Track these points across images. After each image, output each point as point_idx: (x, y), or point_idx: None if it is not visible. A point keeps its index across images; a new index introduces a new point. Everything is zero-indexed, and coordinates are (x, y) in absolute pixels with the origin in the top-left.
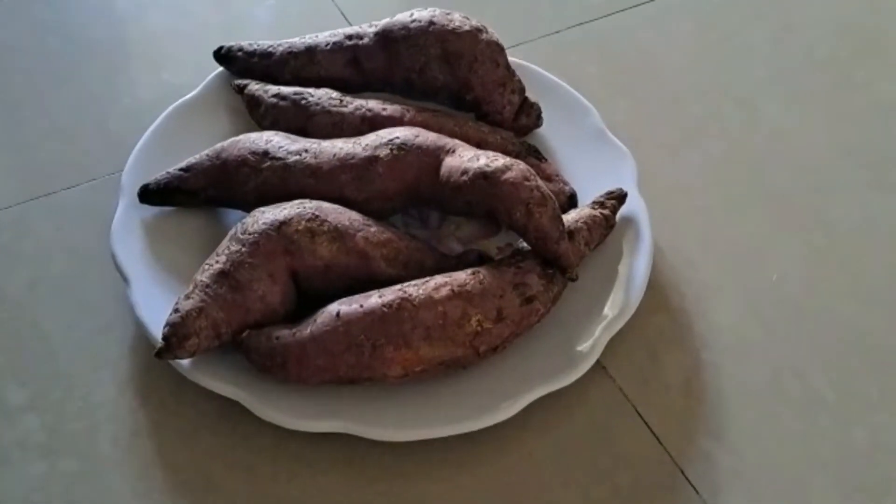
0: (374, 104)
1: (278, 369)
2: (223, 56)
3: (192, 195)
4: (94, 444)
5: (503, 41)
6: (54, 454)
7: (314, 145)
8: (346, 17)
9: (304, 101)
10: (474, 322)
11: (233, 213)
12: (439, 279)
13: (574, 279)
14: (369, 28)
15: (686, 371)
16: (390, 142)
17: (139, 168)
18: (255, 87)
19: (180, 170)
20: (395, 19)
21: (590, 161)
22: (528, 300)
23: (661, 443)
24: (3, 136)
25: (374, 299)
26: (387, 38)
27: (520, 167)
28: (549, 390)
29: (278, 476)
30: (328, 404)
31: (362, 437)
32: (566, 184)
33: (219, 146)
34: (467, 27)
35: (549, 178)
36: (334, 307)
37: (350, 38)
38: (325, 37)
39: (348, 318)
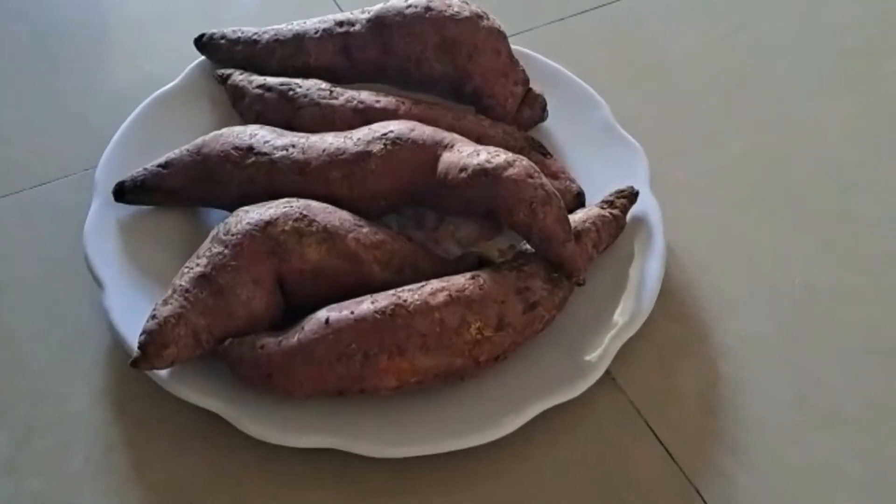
0: (366, 96)
1: (263, 380)
2: (205, 44)
3: (171, 193)
4: (64, 461)
5: (505, 28)
6: (21, 472)
7: (302, 140)
8: (336, 2)
9: (291, 93)
10: (474, 330)
11: (215, 213)
12: (436, 284)
13: (581, 284)
14: (362, 14)
15: (701, 383)
16: (384, 136)
17: (114, 164)
18: (238, 77)
19: (158, 166)
20: (389, 4)
21: (598, 157)
22: (532, 306)
23: (674, 460)
24: None
25: (366, 305)
26: (380, 24)
27: (523, 163)
28: (554, 403)
29: (263, 495)
30: (317, 418)
31: (353, 454)
32: (573, 181)
33: (200, 141)
34: (467, 13)
35: (554, 175)
36: (323, 314)
37: (341, 24)
38: (314, 23)
39: (338, 325)
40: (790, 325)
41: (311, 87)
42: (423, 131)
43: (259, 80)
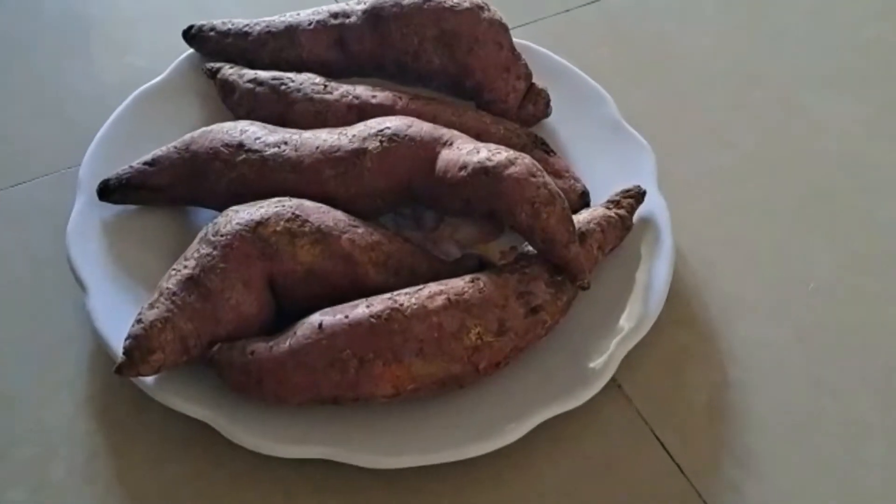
0: (362, 91)
1: (253, 387)
2: (193, 36)
3: (158, 192)
4: (46, 472)
5: (507, 20)
6: (2, 482)
7: (295, 136)
8: None
9: (283, 88)
10: (473, 335)
11: (203, 213)
12: (434, 287)
13: (586, 287)
14: (357, 5)
15: (711, 391)
16: (380, 132)
17: (99, 161)
18: (228, 71)
19: (145, 163)
20: None
21: (604, 155)
22: (534, 311)
23: (682, 472)
24: None
25: (360, 309)
26: (377, 16)
27: (525, 161)
28: (557, 412)
29: None
30: (309, 427)
31: (348, 465)
32: (577, 180)
33: (188, 137)
34: (467, 4)
35: (557, 173)
36: (316, 318)
37: (335, 16)
38: (307, 15)
39: (332, 330)
40: (803, 330)
41: (305, 81)
42: (421, 128)
43: (250, 74)
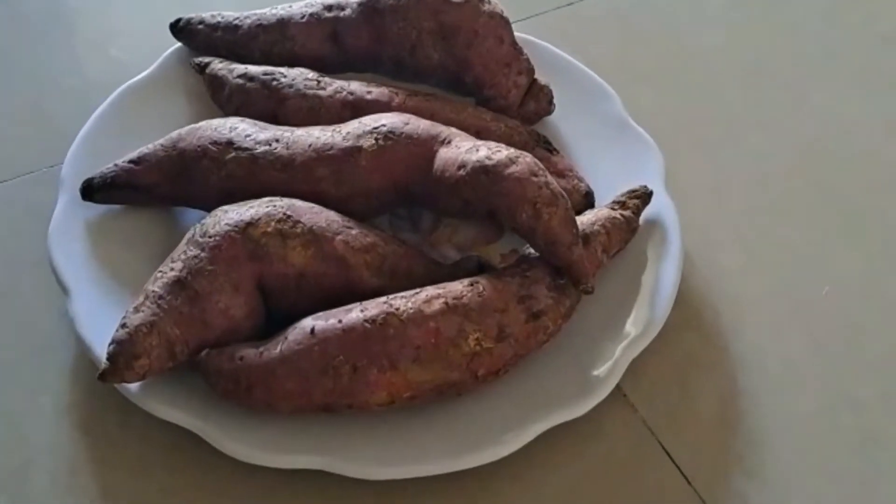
0: (356, 86)
1: (243, 395)
2: (181, 29)
3: (144, 191)
4: (27, 483)
5: (509, 13)
6: None
7: (286, 134)
8: None
9: (275, 83)
10: (472, 341)
11: (191, 213)
12: (431, 291)
13: (590, 291)
14: None
15: (720, 400)
16: (375, 130)
17: (82, 160)
18: (218, 65)
19: (130, 162)
20: None
21: (609, 154)
22: (536, 316)
23: (690, 483)
24: None
25: (354, 314)
26: (372, 8)
27: (526, 160)
28: (559, 421)
29: None
30: (301, 436)
31: (341, 475)
32: (581, 180)
33: (175, 135)
34: None
35: (560, 173)
36: (308, 322)
37: (330, 8)
38: (300, 7)
39: (325, 335)
40: (817, 338)
41: (297, 76)
42: (418, 125)
43: (240, 69)
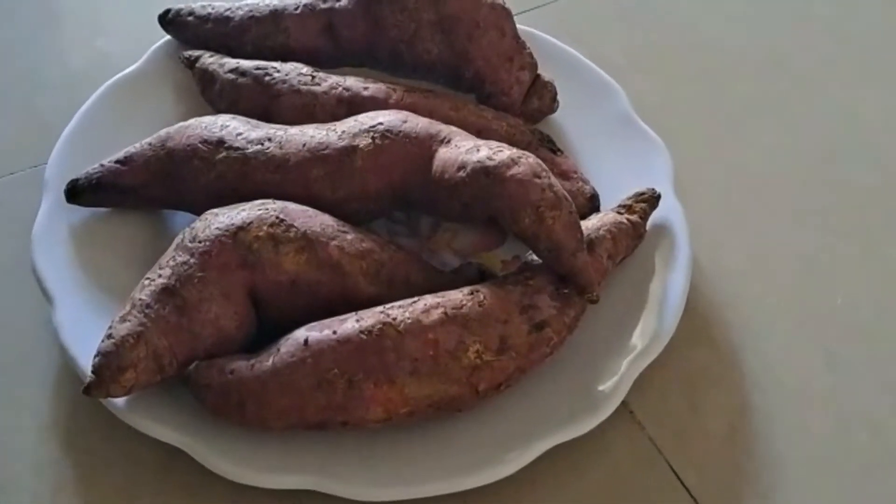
0: (352, 82)
1: (234, 410)
2: (170, 21)
3: (131, 193)
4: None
5: (511, 5)
6: None
7: (279, 133)
8: None
9: (268, 78)
10: (472, 353)
11: (180, 216)
12: (430, 300)
13: (594, 301)
14: None
15: (731, 417)
16: (372, 128)
17: (67, 159)
18: (208, 60)
19: (116, 162)
20: None
21: (615, 154)
22: (539, 327)
23: None
24: None
25: (349, 324)
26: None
27: (529, 161)
28: (563, 439)
29: None
30: (294, 454)
31: (335, 496)
32: (586, 182)
33: (163, 133)
34: None
35: (565, 174)
36: (302, 333)
37: None
38: None
39: (318, 347)
40: (831, 350)
41: (291, 71)
42: (417, 123)
43: (231, 63)
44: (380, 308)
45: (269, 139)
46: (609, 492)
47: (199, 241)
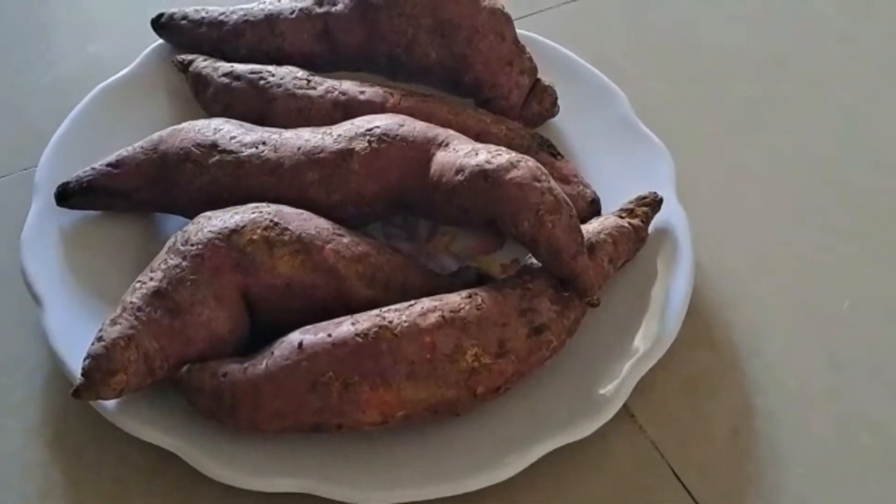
0: (349, 86)
1: (226, 414)
2: (164, 25)
3: (123, 196)
4: None
5: (511, 9)
6: None
7: (274, 136)
8: None
9: (262, 82)
10: (470, 357)
11: (172, 220)
12: (427, 303)
13: (595, 304)
14: None
15: (734, 420)
16: (368, 132)
17: (58, 162)
18: (202, 63)
19: (108, 165)
20: None
21: (616, 158)
22: (538, 330)
23: None
24: None
25: (345, 327)
26: (366, 4)
27: (528, 165)
28: (563, 442)
29: None
30: (288, 458)
31: (330, 500)
32: (586, 186)
33: (156, 137)
34: None
35: (565, 178)
36: (296, 336)
37: (321, 3)
38: (289, 2)
39: (313, 349)
40: (836, 354)
41: (286, 75)
42: (414, 127)
43: (226, 67)
44: (376, 311)
45: (264, 142)
46: (610, 495)
47: (192, 245)
